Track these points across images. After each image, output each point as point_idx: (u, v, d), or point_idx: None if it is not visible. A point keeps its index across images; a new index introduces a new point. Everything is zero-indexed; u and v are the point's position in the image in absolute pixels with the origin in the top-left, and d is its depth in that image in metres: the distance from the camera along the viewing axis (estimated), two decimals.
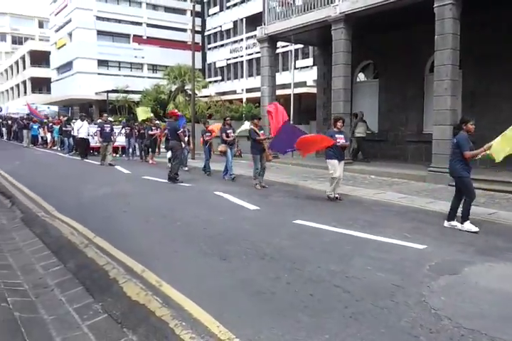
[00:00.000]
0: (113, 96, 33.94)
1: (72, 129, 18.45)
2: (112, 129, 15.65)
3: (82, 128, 16.99)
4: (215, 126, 13.69)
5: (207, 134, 12.70)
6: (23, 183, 10.01)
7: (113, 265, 4.50)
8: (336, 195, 8.44)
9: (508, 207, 7.76)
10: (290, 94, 26.13)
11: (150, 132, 15.90)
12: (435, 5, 10.45)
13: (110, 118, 17.43)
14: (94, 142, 17.30)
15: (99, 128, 15.41)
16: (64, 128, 19.88)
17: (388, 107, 14.82)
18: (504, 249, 5.25)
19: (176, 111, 11.88)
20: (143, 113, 18.24)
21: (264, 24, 16.10)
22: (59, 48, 47.95)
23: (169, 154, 14.39)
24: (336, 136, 8.35)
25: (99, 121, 17.81)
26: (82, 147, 17.34)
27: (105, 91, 34.21)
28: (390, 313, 3.42)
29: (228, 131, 11.66)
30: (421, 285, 4.00)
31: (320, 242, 5.42)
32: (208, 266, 4.56)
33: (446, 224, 6.32)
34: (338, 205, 8.07)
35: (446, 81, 10.43)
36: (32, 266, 4.80)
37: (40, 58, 52.31)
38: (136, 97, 33.54)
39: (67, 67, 45.57)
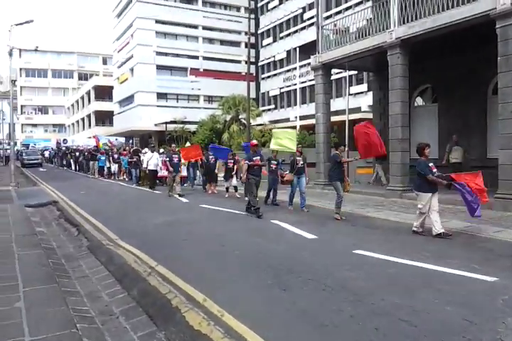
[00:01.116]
0: (171, 126, 35.26)
1: (138, 161, 18.97)
2: (179, 160, 15.31)
3: (151, 160, 16.97)
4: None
5: (273, 162, 11.79)
6: (88, 212, 10.47)
7: (175, 293, 4.55)
8: (441, 231, 7.29)
9: None
10: (345, 121, 25.97)
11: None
12: (498, 26, 10.09)
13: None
14: (161, 172, 17.28)
15: (167, 159, 15.07)
16: (129, 159, 20.58)
17: (449, 132, 14.32)
18: None
19: (255, 141, 11.33)
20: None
21: (318, 52, 16.27)
22: (121, 83, 50.82)
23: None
24: (430, 164, 7.75)
25: (165, 151, 18.19)
26: (151, 178, 17.30)
27: (164, 123, 35.71)
28: None
29: (298, 158, 10.91)
30: (495, 321, 3.74)
31: (383, 273, 5.23)
32: (268, 296, 4.52)
33: None
34: (399, 235, 7.78)
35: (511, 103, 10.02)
36: (98, 293, 4.96)
37: (103, 93, 55.77)
38: (193, 127, 34.60)
39: (128, 100, 48.11)
